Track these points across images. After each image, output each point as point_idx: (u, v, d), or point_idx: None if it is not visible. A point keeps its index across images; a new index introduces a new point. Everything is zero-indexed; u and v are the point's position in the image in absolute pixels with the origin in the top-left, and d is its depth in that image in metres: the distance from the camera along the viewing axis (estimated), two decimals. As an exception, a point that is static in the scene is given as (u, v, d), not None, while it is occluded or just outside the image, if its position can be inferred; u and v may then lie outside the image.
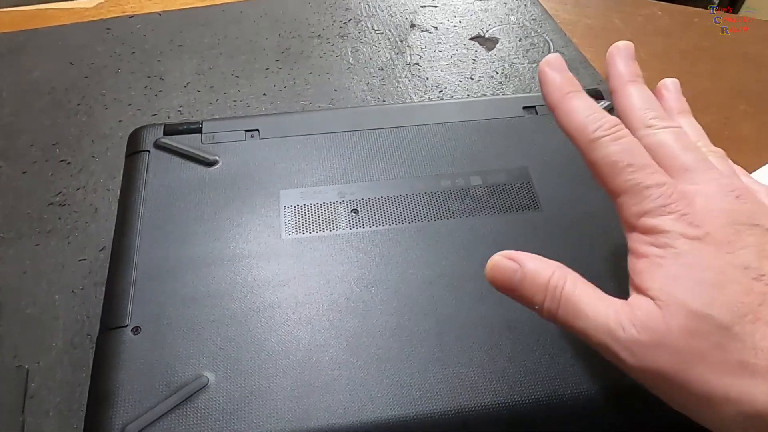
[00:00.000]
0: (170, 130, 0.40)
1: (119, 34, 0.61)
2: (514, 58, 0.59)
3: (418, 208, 0.36)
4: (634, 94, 0.27)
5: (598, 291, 0.23)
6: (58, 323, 0.39)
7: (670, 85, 0.30)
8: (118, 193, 0.38)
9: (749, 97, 0.56)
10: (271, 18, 0.63)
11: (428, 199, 0.37)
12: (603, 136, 0.24)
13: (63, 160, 0.49)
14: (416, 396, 0.28)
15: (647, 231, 0.23)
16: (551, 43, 0.61)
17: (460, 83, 0.56)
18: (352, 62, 0.58)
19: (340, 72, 0.57)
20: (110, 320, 0.31)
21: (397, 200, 0.36)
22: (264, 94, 0.55)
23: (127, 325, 0.31)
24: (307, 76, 0.57)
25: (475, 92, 0.56)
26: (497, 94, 0.55)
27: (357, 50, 0.60)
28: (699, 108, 0.56)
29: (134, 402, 0.28)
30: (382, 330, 0.31)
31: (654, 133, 0.25)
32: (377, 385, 0.29)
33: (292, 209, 0.36)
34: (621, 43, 0.29)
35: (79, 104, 0.54)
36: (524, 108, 0.42)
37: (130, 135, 0.40)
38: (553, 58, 0.28)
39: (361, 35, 0.61)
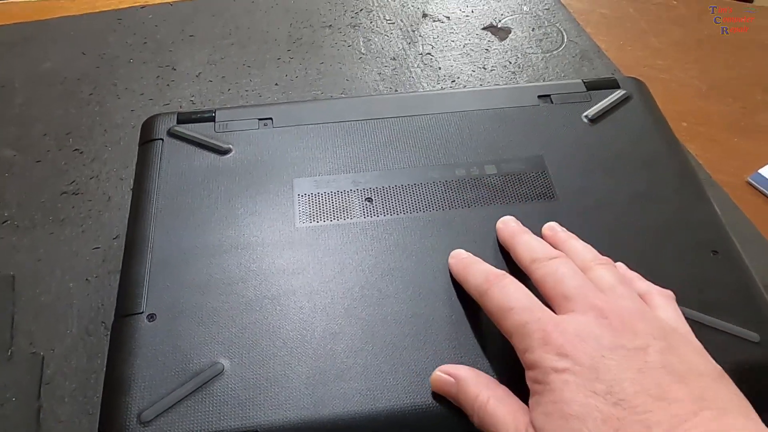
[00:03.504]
0: (184, 118, 0.40)
1: (130, 24, 0.61)
2: (528, 48, 0.58)
3: (432, 197, 0.36)
4: (524, 239, 0.32)
5: (516, 407, 0.26)
6: (73, 311, 0.39)
7: (554, 226, 0.34)
8: (131, 182, 0.38)
9: (767, 86, 0.55)
10: (282, 8, 0.63)
11: (443, 187, 0.36)
12: (489, 288, 0.28)
13: (76, 150, 0.49)
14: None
15: (530, 366, 0.25)
16: (564, 33, 0.60)
17: (473, 73, 0.56)
18: (364, 52, 0.58)
19: (352, 62, 0.57)
20: (125, 307, 0.31)
21: (411, 189, 0.36)
22: (276, 84, 0.55)
23: (142, 312, 0.31)
24: (319, 66, 0.57)
25: (488, 82, 0.55)
26: (511, 84, 0.54)
27: (369, 40, 0.59)
28: (715, 97, 0.56)
29: (150, 388, 0.28)
30: (398, 318, 0.30)
31: (541, 267, 0.29)
32: (392, 373, 0.29)
33: (306, 197, 0.36)
34: (507, 218, 0.34)
35: (91, 94, 0.54)
36: (539, 97, 0.42)
37: (144, 123, 0.40)
38: (457, 252, 0.33)
39: (373, 25, 0.61)
